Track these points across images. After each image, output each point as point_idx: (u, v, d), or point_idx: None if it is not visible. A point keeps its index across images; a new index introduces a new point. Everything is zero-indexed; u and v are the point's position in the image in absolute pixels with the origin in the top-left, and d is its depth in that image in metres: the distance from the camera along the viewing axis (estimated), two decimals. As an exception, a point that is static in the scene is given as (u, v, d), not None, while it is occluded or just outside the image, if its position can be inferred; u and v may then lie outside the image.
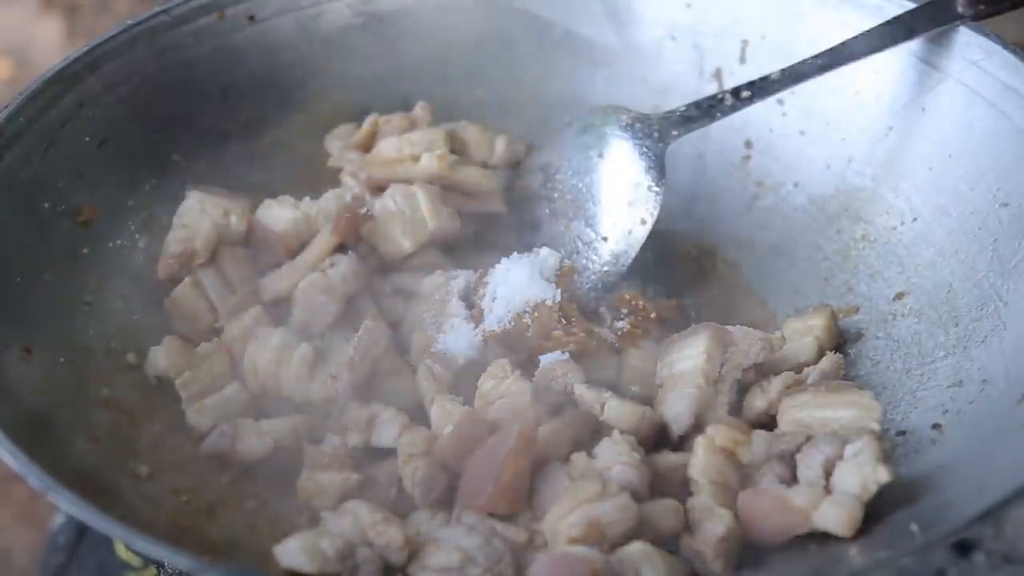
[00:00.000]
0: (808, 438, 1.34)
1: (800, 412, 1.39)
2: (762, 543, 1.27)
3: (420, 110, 1.79)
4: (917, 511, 1.23)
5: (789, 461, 1.32)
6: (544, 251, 1.55)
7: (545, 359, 1.46)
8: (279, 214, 1.63)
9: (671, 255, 1.75)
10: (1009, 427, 1.30)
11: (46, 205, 1.53)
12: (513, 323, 1.48)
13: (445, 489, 1.34)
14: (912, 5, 1.61)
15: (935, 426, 1.39)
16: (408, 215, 1.62)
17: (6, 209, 1.47)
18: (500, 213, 1.71)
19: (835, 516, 1.22)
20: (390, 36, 1.83)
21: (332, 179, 1.76)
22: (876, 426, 1.34)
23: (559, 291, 1.50)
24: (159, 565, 1.48)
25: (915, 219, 1.61)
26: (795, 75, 1.61)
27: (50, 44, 3.82)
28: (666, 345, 1.48)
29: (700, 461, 1.32)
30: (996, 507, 1.14)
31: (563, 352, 1.46)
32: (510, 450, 1.27)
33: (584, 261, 1.64)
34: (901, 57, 1.63)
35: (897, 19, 1.59)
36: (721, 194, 1.80)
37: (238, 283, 1.60)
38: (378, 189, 1.67)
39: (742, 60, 1.77)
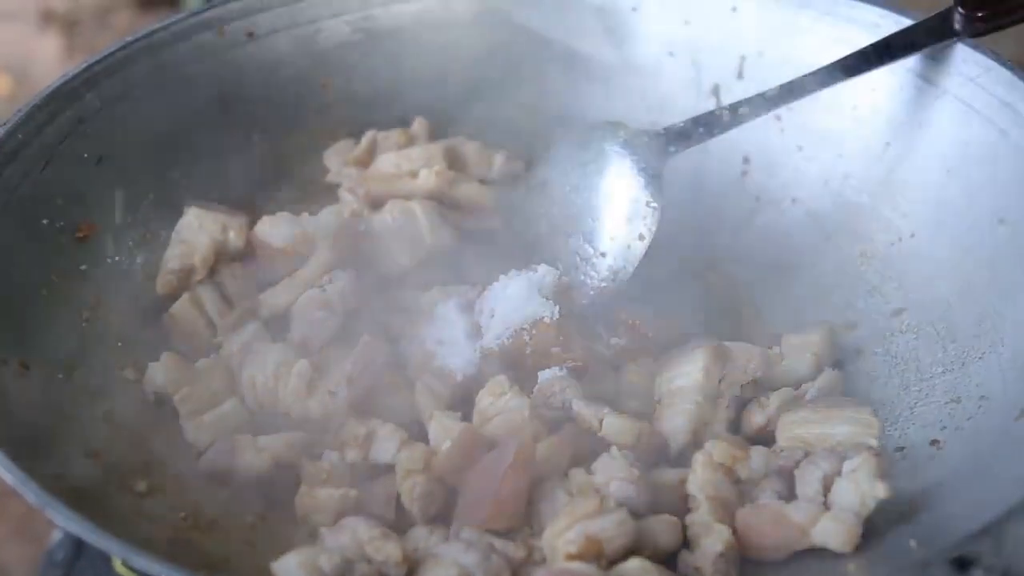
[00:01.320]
0: (806, 454, 1.34)
1: (798, 428, 1.39)
2: (761, 559, 1.27)
3: (418, 126, 1.80)
4: (915, 527, 1.23)
5: (787, 477, 1.32)
6: (542, 268, 1.55)
7: (543, 375, 1.46)
8: (278, 230, 1.63)
9: (669, 271, 1.74)
10: (1007, 443, 1.30)
11: (44, 221, 1.53)
12: (511, 340, 1.48)
13: (443, 505, 1.34)
14: (909, 22, 1.61)
15: (933, 442, 1.40)
16: (406, 231, 1.62)
17: (4, 225, 1.47)
18: (498, 229, 1.72)
19: (834, 532, 1.22)
20: (388, 52, 1.83)
21: (331, 195, 1.76)
22: (874, 442, 1.34)
23: (557, 308, 1.50)
24: (156, 582, 1.48)
25: (913, 235, 1.61)
26: (793, 91, 1.61)
27: (49, 60, 3.83)
28: (664, 361, 1.48)
29: (698, 477, 1.32)
30: (995, 523, 1.15)
31: (561, 368, 1.46)
32: (508, 466, 1.27)
33: (582, 277, 1.64)
34: (898, 74, 1.63)
35: (894, 36, 1.59)
36: (719, 210, 1.80)
37: (236, 299, 1.60)
38: (376, 205, 1.68)
39: (740, 76, 1.78)
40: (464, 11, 1.85)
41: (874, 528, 1.23)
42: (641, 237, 1.62)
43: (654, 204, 1.62)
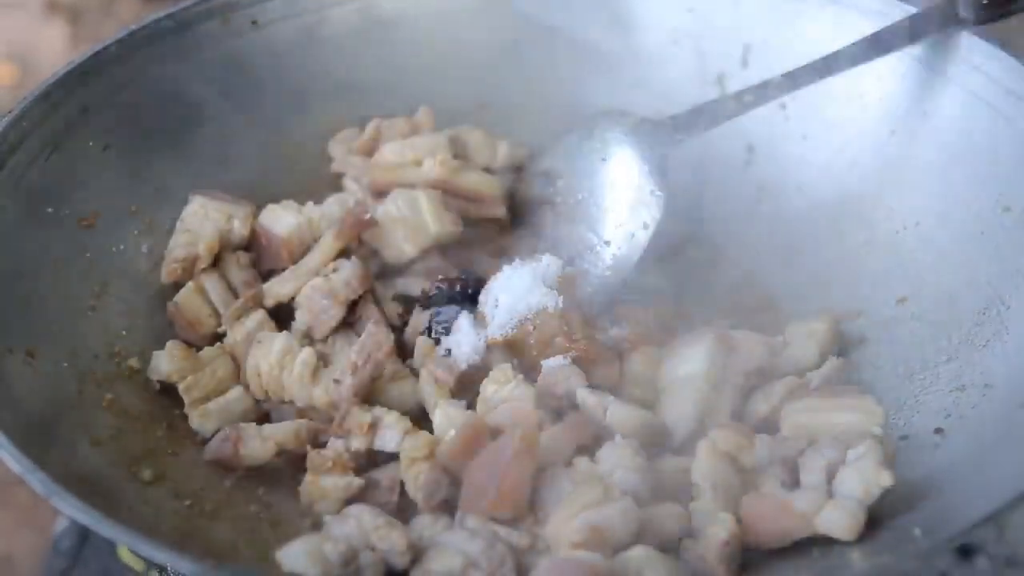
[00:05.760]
0: (810, 442, 1.34)
1: (802, 416, 1.39)
2: (764, 547, 1.27)
3: (423, 115, 1.80)
4: (919, 515, 1.23)
5: (791, 465, 1.32)
6: (546, 258, 1.55)
7: (547, 364, 1.46)
8: (282, 219, 1.63)
9: (673, 259, 1.75)
10: (1012, 431, 1.30)
11: (49, 210, 1.53)
12: (515, 329, 1.48)
13: (447, 493, 1.34)
14: (914, 9, 1.61)
15: (937, 430, 1.39)
16: (410, 220, 1.62)
17: (10, 214, 1.48)
18: (502, 218, 1.72)
19: (837, 520, 1.22)
20: (393, 41, 1.83)
21: (335, 184, 1.76)
22: (878, 430, 1.34)
23: (561, 298, 1.50)
24: (162, 569, 1.49)
25: (917, 223, 1.61)
26: (797, 79, 1.61)
27: (54, 49, 3.82)
28: (668, 349, 1.48)
29: (702, 465, 1.32)
30: (999, 511, 1.15)
31: (565, 357, 1.46)
32: (512, 454, 1.28)
33: (586, 265, 1.64)
34: (903, 61, 1.63)
35: (899, 23, 1.59)
36: (723, 198, 1.80)
37: (241, 288, 1.60)
38: (381, 194, 1.68)
39: (744, 64, 1.77)
40: (468, -1, 1.85)
41: (878, 516, 1.24)
42: (645, 226, 1.62)
43: (658, 193, 1.62)
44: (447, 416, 1.41)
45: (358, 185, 1.72)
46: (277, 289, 1.59)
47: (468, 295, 1.56)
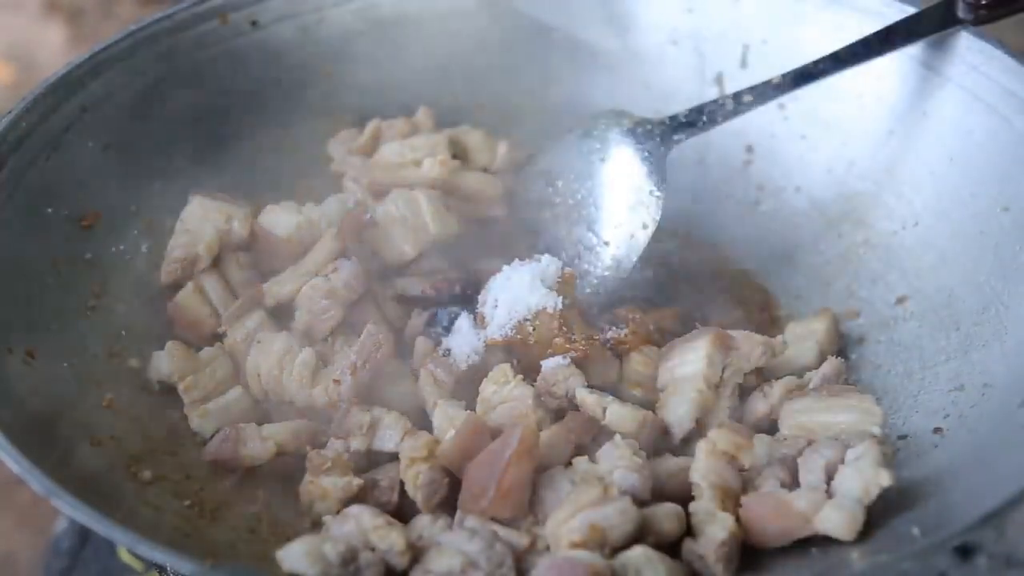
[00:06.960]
0: (810, 442, 1.34)
1: (802, 416, 1.39)
2: (764, 547, 1.28)
3: (422, 115, 1.80)
4: (918, 515, 1.23)
5: (791, 465, 1.32)
6: (545, 258, 1.55)
7: (547, 364, 1.46)
8: (282, 219, 1.63)
9: (672, 260, 1.75)
10: (1010, 431, 1.30)
11: (49, 210, 1.53)
12: (515, 330, 1.48)
13: (447, 493, 1.34)
14: (913, 10, 1.61)
15: (936, 430, 1.40)
16: (410, 220, 1.62)
17: (9, 214, 1.48)
18: (502, 218, 1.72)
19: (836, 520, 1.22)
20: (392, 41, 1.83)
21: (335, 184, 1.76)
22: (877, 430, 1.34)
23: (560, 298, 1.50)
24: (162, 569, 1.49)
25: (916, 223, 1.61)
26: (796, 79, 1.61)
27: (53, 49, 3.82)
28: (667, 349, 1.48)
29: (702, 465, 1.32)
30: (998, 510, 1.15)
31: (564, 358, 1.46)
32: (512, 454, 1.28)
33: (586, 266, 1.64)
34: (902, 61, 1.63)
35: (898, 24, 1.59)
36: (723, 199, 1.80)
37: (241, 288, 1.60)
38: (380, 194, 1.68)
39: (743, 65, 1.77)
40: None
41: (877, 516, 1.24)
42: (644, 226, 1.62)
43: (658, 193, 1.62)
44: (447, 416, 1.41)
45: (358, 185, 1.72)
46: (277, 289, 1.59)
47: (468, 295, 1.56)
